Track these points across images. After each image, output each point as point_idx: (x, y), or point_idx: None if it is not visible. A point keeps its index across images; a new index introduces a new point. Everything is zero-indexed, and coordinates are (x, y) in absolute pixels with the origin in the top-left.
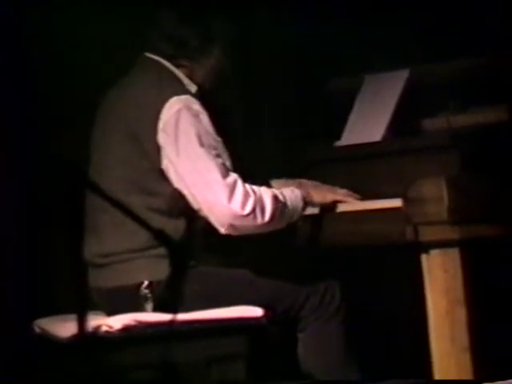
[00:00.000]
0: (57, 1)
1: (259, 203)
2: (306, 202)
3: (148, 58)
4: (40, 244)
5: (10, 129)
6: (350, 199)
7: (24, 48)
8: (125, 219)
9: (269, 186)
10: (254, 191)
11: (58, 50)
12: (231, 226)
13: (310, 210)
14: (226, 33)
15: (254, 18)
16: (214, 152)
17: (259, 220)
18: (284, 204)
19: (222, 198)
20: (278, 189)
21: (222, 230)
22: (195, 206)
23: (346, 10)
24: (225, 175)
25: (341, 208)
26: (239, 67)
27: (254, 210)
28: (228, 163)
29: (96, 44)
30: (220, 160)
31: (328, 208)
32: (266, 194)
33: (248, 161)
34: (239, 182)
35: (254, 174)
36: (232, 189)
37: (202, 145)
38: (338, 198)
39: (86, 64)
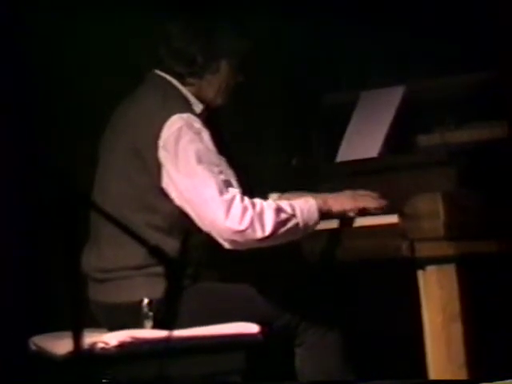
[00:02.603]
0: (63, 11)
1: (258, 217)
2: (323, 212)
3: (156, 75)
4: (37, 260)
5: (10, 141)
6: (372, 205)
7: (26, 58)
8: (124, 235)
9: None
10: (253, 205)
11: (63, 61)
12: (233, 241)
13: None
14: (233, 48)
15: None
16: (216, 169)
17: (259, 234)
18: (292, 215)
19: (219, 214)
20: (291, 199)
21: (226, 246)
22: (197, 222)
23: (343, 26)
24: (223, 191)
25: (335, 225)
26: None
27: (252, 224)
28: (233, 180)
29: (103, 58)
30: (222, 177)
31: (348, 218)
32: (268, 207)
33: (249, 177)
34: (237, 197)
35: (260, 189)
36: (229, 205)
37: (200, 162)
38: (360, 205)
39: (91, 77)
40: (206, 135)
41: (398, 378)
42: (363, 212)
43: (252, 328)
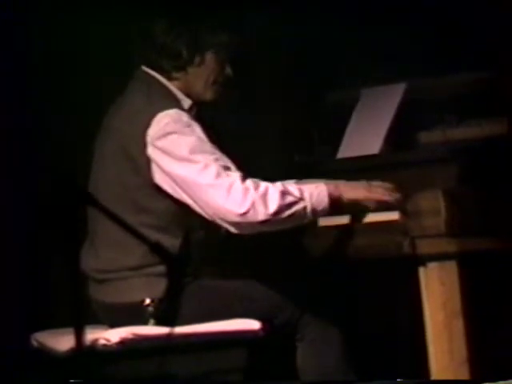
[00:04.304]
0: (58, 13)
1: (261, 198)
2: (333, 198)
3: (143, 71)
4: (39, 257)
5: (10, 141)
6: (385, 198)
7: (25, 59)
8: (119, 236)
9: None
10: (256, 187)
11: (61, 61)
12: (237, 224)
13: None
14: (218, 41)
15: (253, 30)
16: (211, 157)
17: (261, 215)
18: (300, 199)
19: (220, 198)
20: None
21: (232, 230)
22: (200, 212)
23: (344, 24)
24: (221, 175)
25: (338, 221)
26: (237, 80)
27: (253, 206)
28: (232, 165)
29: (98, 56)
30: (219, 162)
31: (359, 214)
32: (273, 188)
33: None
34: (238, 180)
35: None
36: (229, 187)
37: (194, 152)
38: (373, 196)
39: (87, 77)
40: (196, 127)
41: (399, 375)
42: (376, 204)
43: (253, 324)
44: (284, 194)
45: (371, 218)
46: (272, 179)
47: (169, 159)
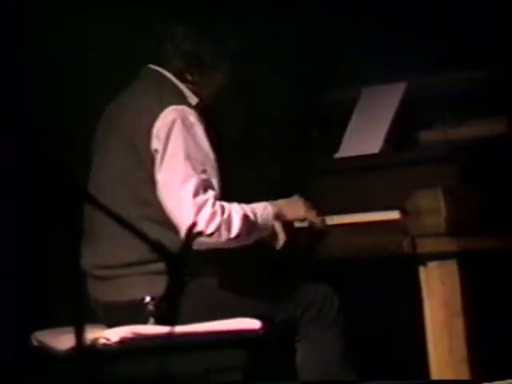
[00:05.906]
0: (59, 10)
1: (226, 223)
2: (277, 218)
3: (151, 69)
4: (38, 256)
5: (9, 137)
6: (315, 220)
7: (25, 57)
8: (119, 232)
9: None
10: (223, 211)
11: (60, 58)
12: (198, 242)
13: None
14: (237, 52)
15: (252, 27)
16: (199, 167)
17: (224, 238)
18: (255, 221)
19: (189, 215)
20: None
21: (194, 246)
22: (168, 215)
23: (344, 22)
24: (198, 193)
25: (338, 220)
26: (238, 80)
27: (218, 230)
28: (214, 180)
29: (99, 54)
30: (204, 176)
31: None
32: (236, 213)
33: (245, 175)
34: (209, 202)
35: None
36: (200, 207)
37: (187, 157)
38: (309, 217)
39: (87, 73)
40: (199, 130)
41: (398, 374)
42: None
43: (253, 323)
44: (245, 218)
45: (371, 217)
46: (272, 180)
47: (162, 158)
